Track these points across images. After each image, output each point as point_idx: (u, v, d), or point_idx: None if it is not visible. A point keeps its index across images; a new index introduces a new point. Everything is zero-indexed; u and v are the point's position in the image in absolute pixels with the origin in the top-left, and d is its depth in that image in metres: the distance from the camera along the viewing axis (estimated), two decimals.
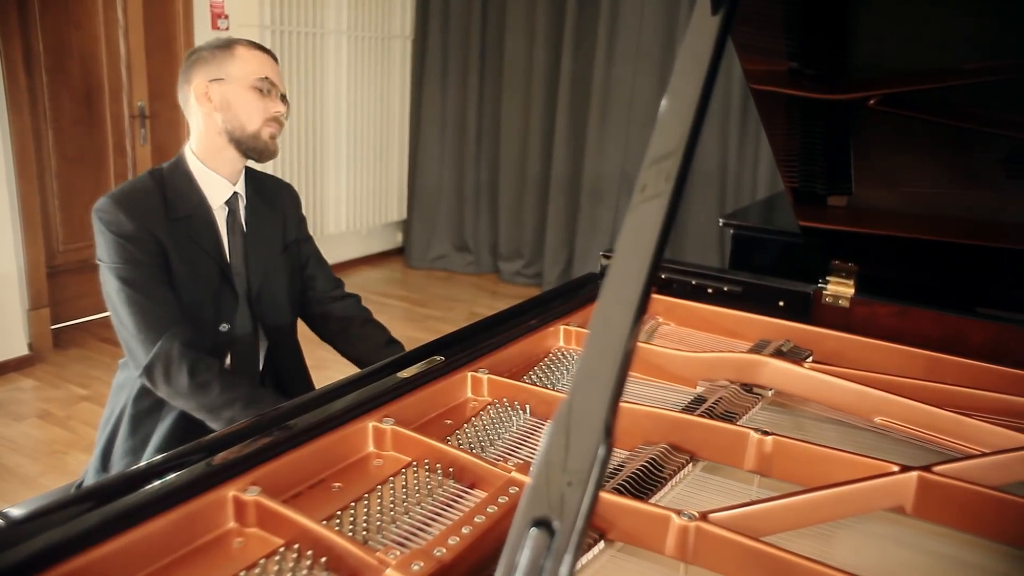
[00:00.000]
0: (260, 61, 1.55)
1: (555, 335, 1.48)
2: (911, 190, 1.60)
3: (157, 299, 1.44)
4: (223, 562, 0.84)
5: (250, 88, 1.52)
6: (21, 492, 2.60)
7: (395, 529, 0.89)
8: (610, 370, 0.45)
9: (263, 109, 1.54)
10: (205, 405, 1.42)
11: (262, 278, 1.63)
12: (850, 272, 1.64)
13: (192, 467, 0.90)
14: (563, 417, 0.46)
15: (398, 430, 1.05)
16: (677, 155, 0.51)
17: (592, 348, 0.48)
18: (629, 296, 0.47)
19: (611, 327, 0.47)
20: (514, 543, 0.43)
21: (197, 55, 1.55)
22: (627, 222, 0.52)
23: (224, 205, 1.59)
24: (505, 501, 0.89)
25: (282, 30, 4.46)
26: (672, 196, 0.51)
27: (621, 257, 0.49)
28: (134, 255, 1.44)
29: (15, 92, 3.48)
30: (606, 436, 0.44)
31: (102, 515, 0.81)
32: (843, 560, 0.87)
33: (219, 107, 1.52)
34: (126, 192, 1.49)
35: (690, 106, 0.51)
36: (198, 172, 1.55)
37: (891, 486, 0.95)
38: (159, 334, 1.42)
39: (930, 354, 1.41)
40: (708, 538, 0.83)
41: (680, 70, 0.53)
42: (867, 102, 1.39)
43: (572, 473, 0.43)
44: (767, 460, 1.05)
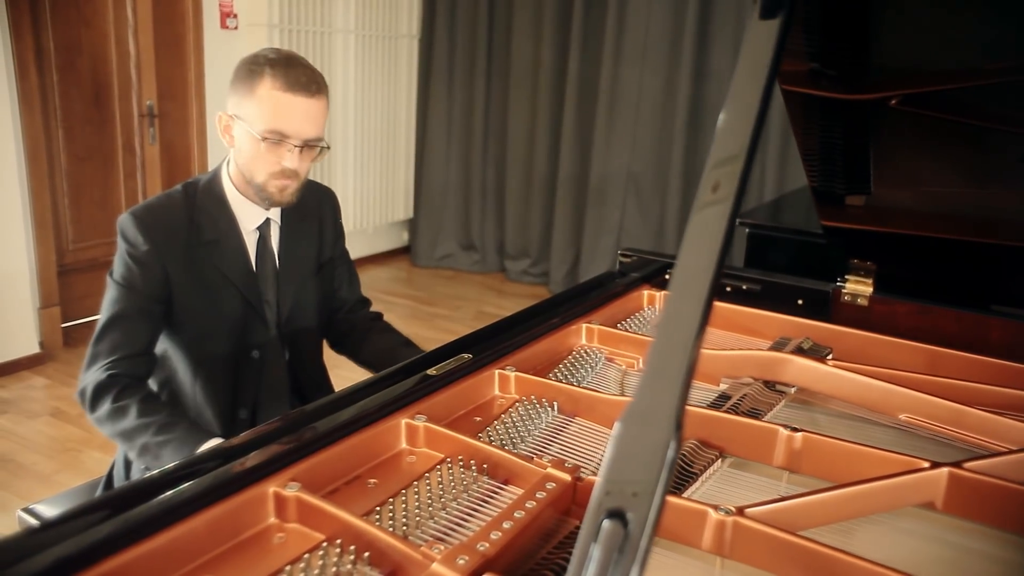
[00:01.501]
0: (277, 107, 1.37)
1: (577, 333, 1.50)
2: (929, 189, 1.61)
3: (127, 328, 1.40)
4: (266, 557, 0.85)
5: (258, 138, 1.39)
6: (38, 490, 2.61)
7: (433, 525, 0.90)
8: (679, 366, 0.46)
9: (269, 163, 1.42)
10: (121, 431, 1.35)
11: (292, 304, 1.59)
12: (868, 271, 1.65)
13: (232, 463, 0.91)
14: (634, 411, 0.47)
15: (431, 427, 1.06)
16: (740, 160, 0.52)
17: (660, 344, 0.49)
18: (696, 293, 0.48)
19: (679, 324, 0.48)
20: (588, 534, 0.44)
21: (235, 74, 1.43)
22: (692, 224, 0.53)
23: (256, 230, 1.53)
24: (543, 496, 0.90)
25: (290, 29, 4.47)
26: (735, 200, 0.52)
27: (687, 257, 0.50)
28: (134, 279, 1.41)
29: (27, 91, 3.50)
30: (676, 430, 0.46)
31: (146, 512, 0.82)
32: (869, 555, 0.87)
33: (236, 146, 1.45)
34: (151, 209, 1.46)
35: (751, 110, 0.52)
36: (232, 196, 1.50)
37: (922, 482, 0.96)
38: (103, 360, 1.38)
39: (950, 352, 1.42)
40: (746, 533, 0.84)
41: (740, 74, 0.54)
42: (888, 102, 1.40)
43: (644, 466, 0.44)
44: (796, 456, 1.06)
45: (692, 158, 4.77)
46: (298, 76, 1.39)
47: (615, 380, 1.37)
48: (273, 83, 1.38)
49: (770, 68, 0.53)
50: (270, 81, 1.38)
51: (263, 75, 1.38)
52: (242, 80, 1.41)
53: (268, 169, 1.43)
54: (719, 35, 4.56)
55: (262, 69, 1.38)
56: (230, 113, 1.44)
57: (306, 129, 1.41)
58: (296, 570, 0.81)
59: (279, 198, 1.47)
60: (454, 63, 5.47)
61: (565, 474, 0.94)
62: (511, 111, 5.34)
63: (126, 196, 4.23)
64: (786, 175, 4.51)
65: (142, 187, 4.30)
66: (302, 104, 1.39)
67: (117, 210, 4.20)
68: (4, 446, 2.89)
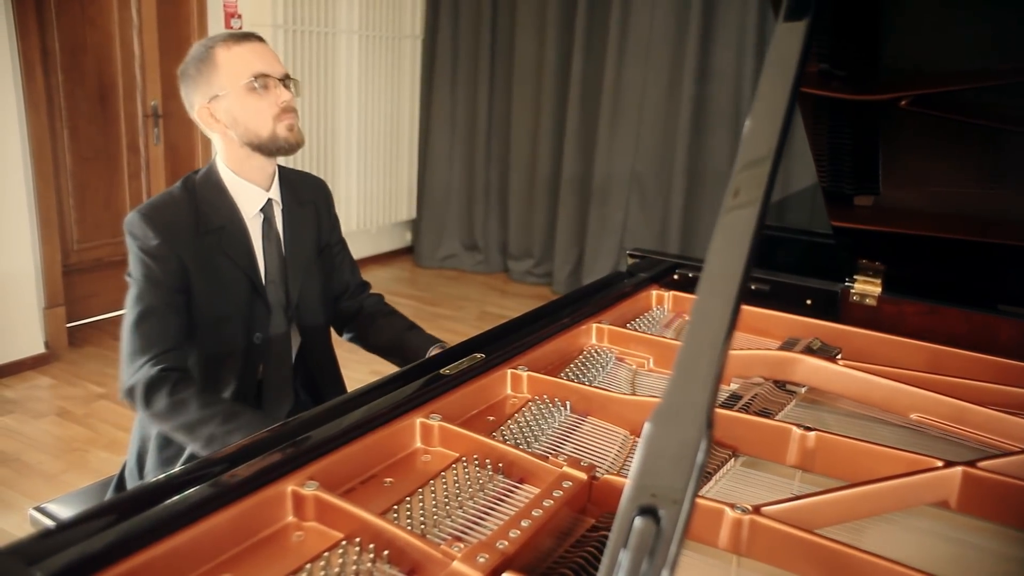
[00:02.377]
0: (243, 58, 1.47)
1: (587, 333, 1.50)
2: (938, 189, 1.61)
3: (159, 322, 1.43)
4: (284, 555, 0.85)
5: (245, 92, 1.46)
6: (44, 490, 2.61)
7: (450, 523, 0.90)
8: (709, 364, 0.47)
9: (267, 107, 1.48)
10: (183, 424, 1.38)
11: (300, 285, 1.62)
12: (877, 271, 1.65)
13: (250, 462, 0.92)
14: (665, 410, 0.47)
15: (445, 426, 1.07)
16: (768, 161, 0.53)
17: (690, 344, 0.49)
18: (726, 294, 0.49)
19: (709, 324, 0.49)
20: (621, 531, 0.44)
21: (185, 73, 1.51)
22: (720, 226, 0.53)
23: (259, 213, 1.56)
24: (560, 495, 0.90)
25: (294, 29, 4.48)
26: (762, 202, 0.52)
27: (715, 258, 0.51)
28: (153, 273, 1.43)
29: (33, 91, 3.50)
30: (707, 428, 0.46)
31: (167, 510, 0.82)
32: (883, 553, 0.88)
33: (228, 124, 1.49)
34: (156, 206, 1.48)
35: (778, 112, 0.53)
36: (230, 182, 1.54)
37: (936, 481, 0.96)
38: (146, 356, 1.41)
39: (958, 351, 1.42)
40: (762, 531, 0.85)
41: (767, 76, 0.54)
42: (898, 103, 1.41)
43: (676, 464, 0.45)
44: (810, 455, 1.06)
45: (695, 158, 4.78)
46: (237, 33, 1.52)
47: (626, 380, 1.37)
48: (224, 47, 1.48)
49: (796, 70, 0.54)
50: (221, 48, 1.48)
51: (212, 49, 1.48)
52: (197, 68, 1.49)
53: (270, 113, 1.49)
54: (722, 35, 4.57)
55: (207, 48, 1.49)
56: (204, 101, 1.49)
57: (275, 66, 1.51)
58: (316, 568, 0.81)
59: (292, 137, 1.53)
60: (457, 63, 5.47)
61: (581, 473, 0.95)
62: (514, 111, 5.34)
63: (131, 196, 4.24)
64: (790, 175, 4.51)
65: (146, 187, 4.31)
66: (258, 47, 1.50)
67: (122, 210, 4.21)
68: (10, 446, 2.90)
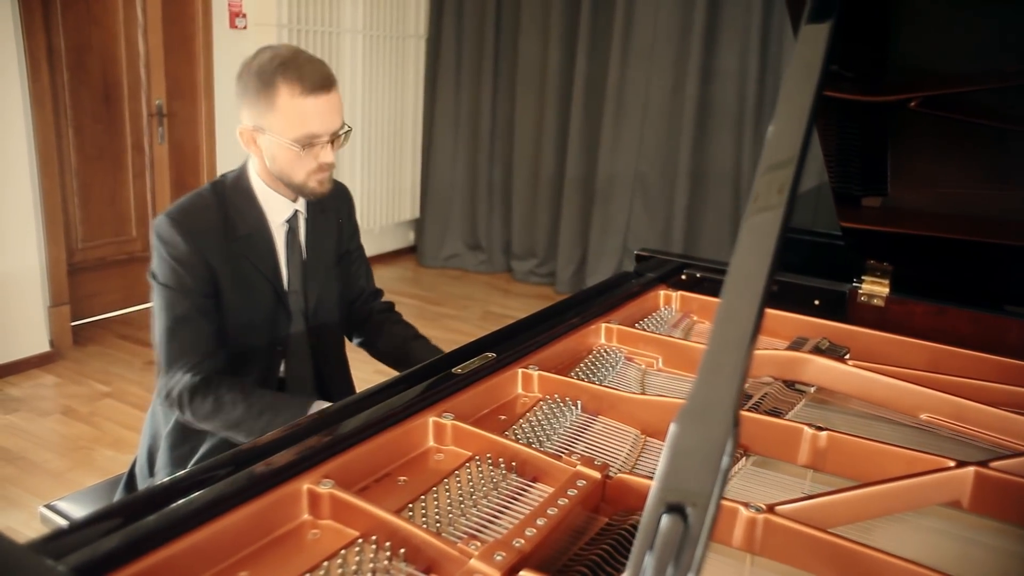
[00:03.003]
0: (302, 114, 1.40)
1: (596, 333, 1.50)
2: (946, 190, 1.61)
3: (193, 328, 1.44)
4: (300, 553, 0.85)
5: (290, 146, 1.42)
6: (51, 488, 2.62)
7: (465, 522, 0.91)
8: (735, 362, 0.47)
9: (306, 165, 1.45)
10: (231, 421, 1.41)
11: (318, 294, 1.63)
12: (885, 271, 1.65)
13: (265, 460, 0.92)
14: (691, 408, 0.48)
15: (458, 425, 1.07)
16: (792, 164, 0.53)
17: (716, 343, 0.49)
18: (751, 294, 0.49)
19: (735, 323, 0.49)
20: (648, 528, 0.45)
21: (245, 84, 1.43)
22: (745, 227, 0.54)
23: (285, 223, 1.56)
24: (574, 494, 0.91)
25: (299, 29, 4.48)
26: (787, 204, 0.53)
27: (741, 259, 0.51)
28: (184, 280, 1.43)
29: (38, 90, 3.51)
30: (733, 427, 0.46)
31: (185, 508, 0.83)
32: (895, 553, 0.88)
33: (266, 155, 1.47)
34: (185, 210, 1.47)
35: (803, 114, 0.53)
36: (260, 191, 1.52)
37: (948, 481, 0.96)
38: (185, 363, 1.42)
39: (967, 352, 1.43)
40: (777, 530, 0.85)
41: (791, 77, 0.54)
42: (908, 104, 1.41)
43: (703, 462, 0.45)
44: (821, 455, 1.06)
45: (699, 158, 4.78)
46: (312, 76, 1.40)
47: (635, 379, 1.37)
48: (291, 90, 1.39)
49: (820, 72, 0.54)
50: (287, 89, 1.39)
51: (277, 85, 1.39)
52: (256, 92, 1.41)
53: (306, 169, 1.46)
54: (726, 36, 4.57)
55: (274, 79, 1.39)
56: (251, 126, 1.45)
57: (333, 123, 1.45)
58: (334, 566, 0.82)
59: (320, 190, 1.51)
60: (461, 63, 5.48)
61: (595, 472, 0.95)
62: (518, 111, 5.35)
63: (135, 195, 4.25)
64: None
65: (151, 186, 4.32)
66: (324, 103, 1.42)
67: (126, 209, 4.22)
68: (16, 444, 2.91)
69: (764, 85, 4.52)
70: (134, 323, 4.17)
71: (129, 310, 4.31)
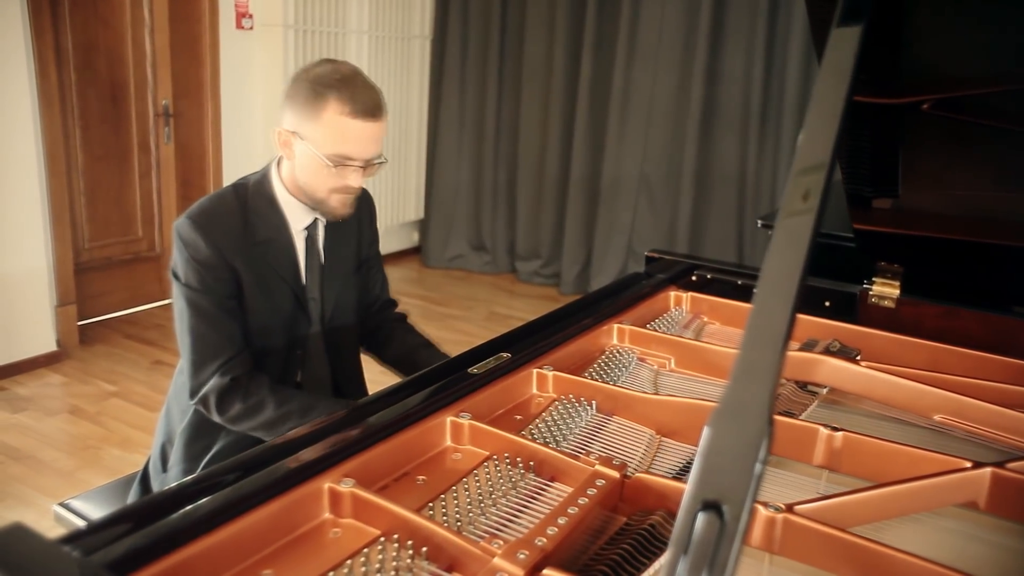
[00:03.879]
0: (344, 133, 1.40)
1: (609, 333, 1.51)
2: (957, 192, 1.62)
3: (218, 329, 1.44)
4: (322, 551, 0.86)
5: (322, 160, 1.42)
6: (60, 487, 2.63)
7: (485, 521, 0.91)
8: (770, 361, 0.48)
9: (332, 183, 1.45)
10: (262, 423, 1.43)
11: (335, 302, 1.63)
12: (895, 273, 1.66)
13: (287, 459, 0.93)
14: (727, 407, 0.48)
15: (475, 424, 1.08)
16: (824, 168, 0.54)
17: (750, 342, 0.50)
18: (785, 294, 0.50)
19: (768, 323, 0.50)
20: (684, 526, 0.45)
21: (296, 90, 1.42)
22: (779, 230, 0.54)
23: (304, 230, 1.55)
24: (594, 493, 0.91)
25: (305, 29, 4.49)
26: (819, 208, 0.53)
27: (774, 260, 0.52)
28: (207, 281, 1.44)
29: (47, 89, 3.52)
30: (768, 425, 0.47)
31: (209, 506, 0.83)
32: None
33: (297, 162, 1.46)
34: (207, 212, 1.47)
35: (835, 116, 0.54)
36: (282, 196, 1.52)
37: (964, 482, 0.97)
38: (213, 364, 1.43)
39: (978, 354, 1.43)
40: (796, 529, 0.86)
41: (823, 81, 0.55)
42: (920, 106, 1.41)
43: (738, 460, 0.46)
44: (837, 455, 1.07)
45: (704, 160, 4.79)
46: (364, 101, 1.40)
47: (648, 380, 1.38)
48: (340, 108, 1.39)
49: (851, 75, 0.55)
50: (336, 106, 1.39)
51: (328, 99, 1.39)
52: (305, 100, 1.40)
53: (330, 186, 1.46)
54: (732, 37, 4.58)
55: (327, 92, 1.39)
56: (290, 129, 1.44)
57: (370, 151, 1.44)
58: (357, 564, 0.82)
59: (339, 212, 1.50)
60: (466, 64, 5.49)
61: (614, 471, 0.96)
62: (523, 112, 5.35)
63: (141, 195, 4.26)
64: None
65: (157, 186, 4.32)
66: (367, 129, 1.42)
67: (132, 209, 4.23)
68: (25, 443, 2.92)
69: (769, 87, 4.53)
70: (140, 323, 4.18)
71: (135, 310, 4.32)
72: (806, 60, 4.37)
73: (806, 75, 4.39)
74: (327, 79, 1.40)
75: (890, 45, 1.38)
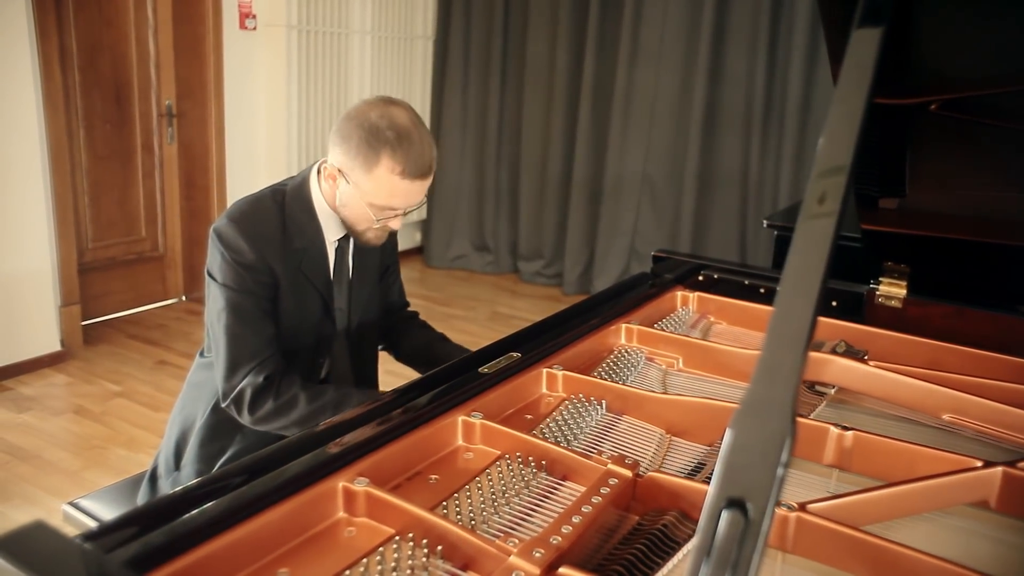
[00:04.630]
0: (394, 190, 1.42)
1: (617, 333, 1.51)
2: (964, 192, 1.62)
3: (256, 330, 1.45)
4: (337, 550, 0.86)
5: (367, 208, 1.45)
6: (66, 487, 2.63)
7: (498, 520, 0.92)
8: (792, 361, 0.48)
9: (372, 223, 1.48)
10: (296, 420, 1.43)
11: (361, 313, 1.65)
12: (902, 273, 1.66)
13: (301, 458, 0.93)
14: (750, 404, 0.49)
15: (487, 424, 1.08)
16: (845, 170, 0.54)
17: (773, 340, 0.50)
18: (808, 293, 0.50)
19: (792, 321, 0.50)
20: (709, 522, 0.46)
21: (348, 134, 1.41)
22: (800, 231, 0.55)
23: (336, 241, 1.57)
24: (607, 492, 0.92)
25: (308, 30, 4.50)
26: (840, 209, 0.54)
27: (797, 259, 0.52)
28: (247, 284, 1.44)
29: (51, 90, 3.52)
30: (791, 422, 0.47)
31: (225, 505, 0.84)
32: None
33: (339, 197, 1.48)
34: (247, 215, 1.47)
35: (856, 119, 0.54)
36: (320, 207, 1.52)
37: (975, 481, 0.97)
38: (249, 365, 1.43)
39: (985, 353, 1.43)
40: (809, 528, 0.86)
41: (844, 82, 0.55)
42: (928, 107, 1.42)
43: (762, 457, 0.46)
44: (847, 454, 1.07)
45: (707, 160, 4.79)
46: (417, 162, 1.41)
47: (657, 379, 1.38)
48: (393, 167, 1.40)
49: (872, 77, 0.55)
50: (390, 164, 1.39)
51: (382, 155, 1.39)
52: (358, 149, 1.40)
53: (369, 225, 1.49)
54: (735, 37, 4.58)
55: (382, 148, 1.39)
56: (338, 167, 1.45)
57: (414, 201, 1.47)
58: (372, 563, 0.83)
59: (373, 243, 1.54)
60: (469, 65, 5.49)
61: (626, 470, 0.96)
62: (525, 112, 5.36)
63: (144, 195, 4.26)
64: (801, 177, 4.53)
65: (160, 186, 4.33)
66: (416, 187, 1.44)
67: (135, 209, 4.23)
68: (30, 442, 2.92)
69: (772, 87, 4.53)
70: (143, 323, 4.18)
71: (138, 310, 4.32)
72: (809, 60, 4.37)
73: (809, 75, 4.40)
74: (383, 134, 1.39)
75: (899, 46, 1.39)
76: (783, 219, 2.60)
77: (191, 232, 4.46)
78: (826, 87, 4.37)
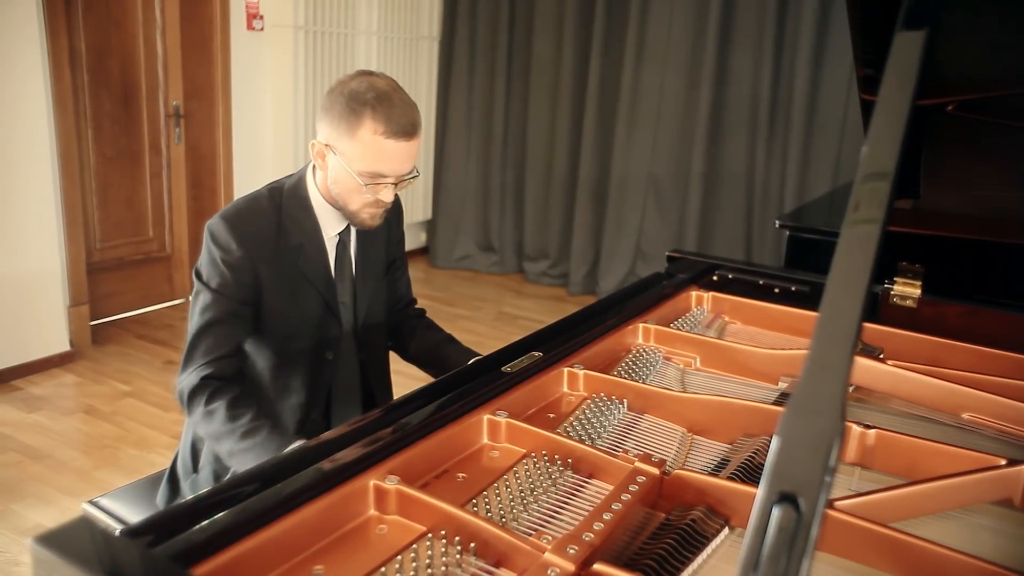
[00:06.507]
0: (379, 152, 1.40)
1: (634, 333, 1.52)
2: (978, 193, 1.63)
3: (217, 332, 1.43)
4: (369, 547, 0.87)
5: (356, 177, 1.43)
6: (79, 486, 2.64)
7: (527, 517, 0.93)
8: (842, 356, 0.49)
9: (364, 197, 1.46)
10: (210, 433, 1.39)
11: (367, 306, 1.64)
12: (916, 273, 1.67)
13: (332, 457, 0.94)
14: (800, 401, 0.49)
15: (512, 422, 1.09)
16: (890, 174, 0.55)
17: (821, 338, 0.51)
18: (855, 292, 0.51)
19: (840, 319, 0.51)
20: (760, 519, 0.47)
21: (331, 104, 1.42)
22: (846, 235, 0.55)
23: (336, 235, 1.56)
24: (636, 489, 0.93)
25: (315, 30, 4.51)
26: (886, 214, 0.55)
27: (843, 260, 0.53)
28: (227, 285, 1.44)
29: (60, 90, 3.53)
30: (840, 419, 0.48)
31: (261, 502, 0.85)
32: None
33: (330, 174, 1.47)
34: (242, 213, 1.48)
35: (899, 122, 0.55)
36: (316, 202, 1.53)
37: (1000, 479, 0.98)
38: (195, 363, 1.42)
39: (1000, 353, 1.44)
40: (834, 524, 0.87)
41: (887, 86, 0.56)
42: (945, 108, 1.43)
43: (812, 453, 0.47)
44: (870, 452, 1.08)
45: (713, 160, 4.80)
46: (399, 120, 1.40)
47: (675, 378, 1.39)
48: (375, 127, 1.39)
49: (916, 81, 0.56)
50: (372, 124, 1.39)
51: (364, 117, 1.39)
52: (340, 116, 1.40)
53: (363, 200, 1.47)
54: (741, 38, 4.59)
55: (363, 110, 1.39)
56: (325, 143, 1.45)
57: (403, 168, 1.45)
58: (407, 559, 0.84)
59: (369, 223, 1.52)
60: (474, 65, 5.50)
61: (653, 468, 0.97)
62: (531, 113, 5.37)
63: (152, 195, 4.27)
64: (807, 178, 4.54)
65: (167, 187, 4.34)
66: (401, 148, 1.42)
67: (143, 209, 4.24)
68: (42, 442, 2.93)
69: (777, 88, 4.54)
70: (151, 323, 4.19)
71: (146, 310, 4.34)
72: (814, 61, 4.38)
73: (814, 76, 4.41)
74: (362, 96, 1.39)
75: None
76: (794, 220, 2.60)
77: (198, 232, 4.46)
78: (832, 88, 4.38)
